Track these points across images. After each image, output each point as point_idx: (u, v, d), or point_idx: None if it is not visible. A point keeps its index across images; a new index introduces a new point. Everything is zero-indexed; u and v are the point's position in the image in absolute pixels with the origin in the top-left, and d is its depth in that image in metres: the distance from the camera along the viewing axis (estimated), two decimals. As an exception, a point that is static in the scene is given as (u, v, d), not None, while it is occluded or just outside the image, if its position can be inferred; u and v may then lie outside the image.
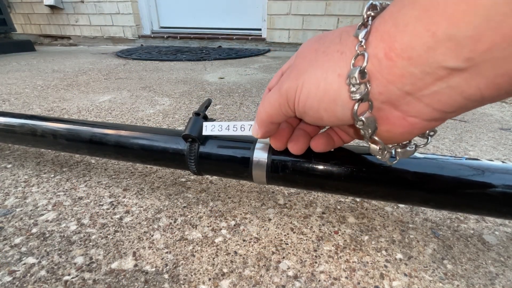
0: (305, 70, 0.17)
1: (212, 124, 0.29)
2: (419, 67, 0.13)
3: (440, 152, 0.54)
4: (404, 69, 0.13)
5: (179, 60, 1.58)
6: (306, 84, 0.17)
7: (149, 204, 0.37)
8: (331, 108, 0.16)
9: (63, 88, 0.99)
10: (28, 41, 1.99)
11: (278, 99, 0.19)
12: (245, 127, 0.26)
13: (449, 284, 0.27)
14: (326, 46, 0.17)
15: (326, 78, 0.16)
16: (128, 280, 0.27)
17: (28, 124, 0.40)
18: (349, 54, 0.15)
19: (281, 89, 0.19)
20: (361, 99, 0.15)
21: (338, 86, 0.16)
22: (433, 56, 0.12)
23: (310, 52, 0.18)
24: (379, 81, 0.14)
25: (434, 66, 0.12)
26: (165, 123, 0.67)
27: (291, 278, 0.27)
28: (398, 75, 0.13)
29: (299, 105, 0.18)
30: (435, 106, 0.14)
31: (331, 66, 0.16)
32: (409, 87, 0.14)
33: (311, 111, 0.18)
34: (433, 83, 0.13)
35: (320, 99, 0.16)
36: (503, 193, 0.23)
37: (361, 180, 0.26)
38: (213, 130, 0.29)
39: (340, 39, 0.16)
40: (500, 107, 0.82)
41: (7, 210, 0.36)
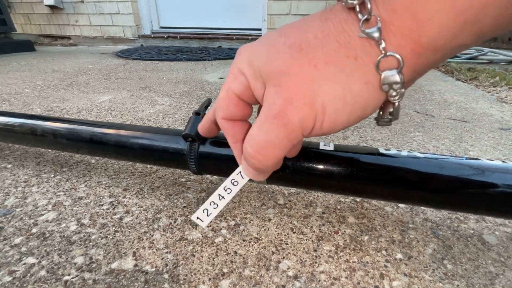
0: (316, 92, 0.15)
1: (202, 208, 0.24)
2: (443, 51, 0.13)
3: (440, 152, 0.54)
4: (429, 57, 0.14)
5: (179, 60, 1.58)
6: (329, 106, 0.15)
7: (149, 204, 0.37)
8: (364, 113, 0.16)
9: (63, 88, 0.99)
10: (28, 41, 1.99)
11: (288, 135, 0.16)
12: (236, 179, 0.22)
13: (449, 284, 0.27)
14: (322, 54, 0.14)
15: (352, 91, 0.15)
16: (128, 280, 0.27)
17: (28, 124, 0.40)
18: (366, 59, 0.14)
19: (290, 123, 0.16)
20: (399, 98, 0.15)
21: (369, 93, 0.15)
22: (456, 41, 0.13)
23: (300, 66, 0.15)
24: (408, 75, 0.15)
25: (455, 47, 0.13)
26: (165, 123, 0.67)
27: (291, 278, 0.27)
28: (422, 64, 0.14)
29: (322, 128, 0.16)
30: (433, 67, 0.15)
31: (350, 76, 0.14)
32: (429, 68, 0.15)
33: (339, 127, 0.16)
34: (444, 57, 0.14)
35: (350, 112, 0.15)
36: (503, 193, 0.23)
37: (361, 180, 0.26)
38: (209, 214, 0.24)
39: (337, 42, 0.14)
40: (500, 107, 0.82)
41: (7, 210, 0.36)
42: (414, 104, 0.83)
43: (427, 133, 0.62)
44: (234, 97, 0.19)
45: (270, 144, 0.17)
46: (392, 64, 0.14)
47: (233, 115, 0.20)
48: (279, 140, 0.16)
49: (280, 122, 0.16)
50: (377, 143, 0.57)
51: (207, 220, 0.24)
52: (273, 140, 0.16)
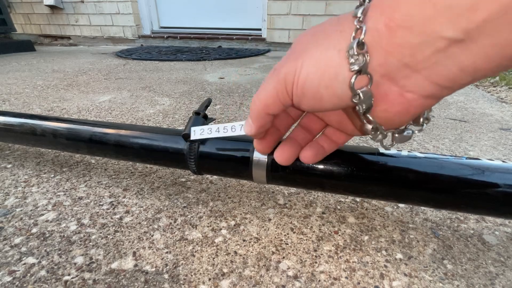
0: (303, 51, 0.17)
1: (201, 128, 0.28)
2: (419, 37, 0.13)
3: (440, 152, 0.54)
4: (403, 38, 0.13)
5: (179, 60, 1.58)
6: (306, 63, 0.17)
7: (149, 204, 0.37)
8: (332, 84, 0.16)
9: (63, 88, 0.99)
10: (28, 41, 1.99)
11: (276, 85, 0.18)
12: (236, 127, 0.25)
13: (449, 284, 0.27)
14: (325, 28, 0.17)
15: (326, 55, 0.16)
16: (128, 280, 0.27)
17: (28, 123, 0.40)
18: (348, 31, 0.15)
19: (279, 74, 0.18)
20: (359, 70, 0.15)
21: (339, 61, 0.15)
22: (432, 26, 0.12)
23: (308, 37, 0.18)
24: (378, 53, 0.14)
25: (433, 36, 0.13)
26: (165, 123, 0.67)
27: (291, 278, 0.27)
28: (397, 45, 0.14)
29: (297, 86, 0.17)
30: (433, 79, 0.14)
31: (331, 43, 0.16)
32: (408, 59, 0.14)
33: (310, 91, 0.17)
34: (432, 55, 0.13)
35: (320, 76, 0.16)
36: (503, 193, 0.23)
37: (361, 180, 0.26)
38: (202, 133, 0.27)
39: (338, 21, 0.16)
40: (500, 107, 0.82)
41: (7, 210, 0.36)
42: (414, 104, 0.83)
43: (427, 133, 0.62)
44: None
45: (264, 90, 0.19)
46: (360, 35, 0.14)
47: None
48: (270, 87, 0.19)
49: (275, 71, 0.18)
50: (377, 143, 0.57)
51: (197, 137, 0.28)
52: (266, 87, 0.19)
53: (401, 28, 0.13)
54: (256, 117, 0.20)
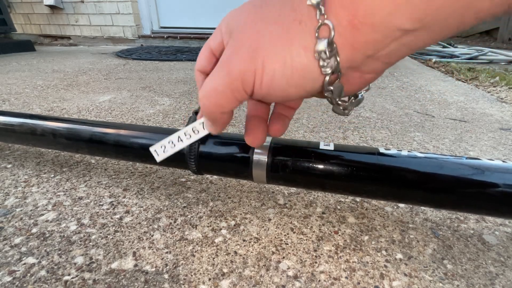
0: (259, 47, 0.15)
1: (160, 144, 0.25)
2: (381, 32, 0.13)
3: (440, 152, 0.54)
4: (367, 35, 0.14)
5: (179, 60, 1.58)
6: (268, 64, 0.15)
7: (149, 204, 0.37)
8: (301, 83, 0.16)
9: (63, 88, 0.99)
10: (28, 41, 1.99)
11: (230, 85, 0.17)
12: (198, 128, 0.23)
13: (449, 284, 0.27)
14: (275, 14, 0.15)
15: (291, 53, 0.15)
16: (128, 280, 0.27)
17: (28, 124, 0.40)
18: (309, 24, 0.14)
19: (232, 72, 0.16)
20: (332, 72, 0.15)
21: (307, 61, 0.15)
22: (392, 21, 0.13)
23: (254, 22, 0.16)
24: (345, 50, 0.14)
25: (393, 29, 0.13)
26: (165, 123, 0.67)
27: (291, 278, 0.27)
28: (362, 42, 0.14)
29: (261, 88, 0.16)
30: (388, 61, 0.16)
31: (293, 38, 0.15)
32: (371, 51, 0.15)
33: (277, 91, 0.16)
34: (390, 44, 0.14)
35: (288, 77, 0.15)
36: (503, 193, 0.23)
37: (361, 180, 0.26)
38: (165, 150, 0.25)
39: (291, 5, 0.15)
40: (500, 107, 0.82)
41: (7, 210, 0.36)
42: (414, 104, 0.83)
43: (427, 133, 0.63)
44: (208, 51, 0.20)
45: (214, 90, 0.17)
46: (326, 33, 0.14)
47: (204, 68, 0.21)
48: (222, 87, 0.17)
49: (225, 69, 0.17)
50: (377, 143, 0.57)
51: (162, 156, 0.25)
52: (217, 87, 0.17)
53: (365, 25, 0.13)
54: (214, 119, 0.20)
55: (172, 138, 0.24)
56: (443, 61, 1.59)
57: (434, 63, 1.55)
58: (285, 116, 0.23)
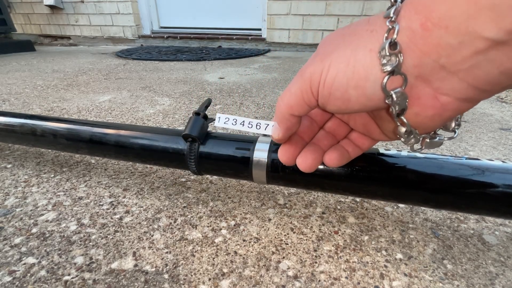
0: (331, 52, 0.16)
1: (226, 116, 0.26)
2: (457, 37, 0.12)
3: (440, 152, 0.54)
4: (440, 38, 0.12)
5: (179, 60, 1.58)
6: (334, 64, 0.16)
7: (149, 204, 0.37)
8: (361, 84, 0.15)
9: (63, 88, 0.99)
10: (28, 41, 1.99)
11: (301, 86, 0.18)
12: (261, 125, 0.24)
13: (449, 284, 0.27)
14: (354, 29, 0.16)
15: (356, 55, 0.15)
16: (128, 280, 0.27)
17: (28, 124, 0.40)
18: (380, 31, 0.15)
19: (304, 74, 0.17)
20: (392, 71, 0.14)
21: (370, 61, 0.15)
22: (472, 26, 0.11)
23: (335, 37, 0.17)
24: (413, 53, 0.14)
25: (473, 36, 0.12)
26: (165, 123, 0.67)
27: (291, 278, 0.27)
28: (433, 45, 0.13)
29: (324, 87, 0.17)
30: (470, 82, 0.13)
31: (361, 43, 0.15)
32: (445, 60, 0.13)
33: (338, 92, 0.16)
34: (470, 56, 0.12)
35: (349, 76, 0.15)
36: (503, 193, 0.23)
37: (361, 180, 0.26)
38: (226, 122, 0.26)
39: (368, 21, 0.16)
40: (500, 107, 0.82)
41: (7, 210, 0.36)
42: (414, 104, 0.83)
43: (427, 133, 0.62)
44: None
45: (288, 91, 0.19)
46: (391, 35, 0.14)
47: None
48: (294, 88, 0.18)
49: (300, 73, 0.18)
50: (377, 143, 0.57)
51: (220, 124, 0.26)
52: (291, 88, 0.18)
53: (438, 28, 0.12)
54: (281, 119, 0.20)
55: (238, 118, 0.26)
56: (443, 61, 1.58)
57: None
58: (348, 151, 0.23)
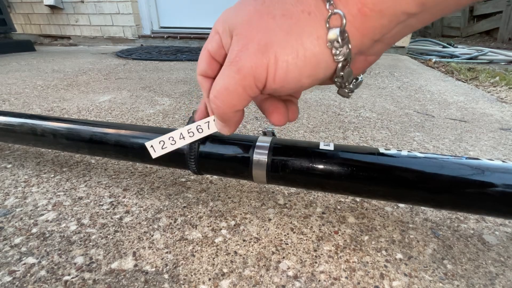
0: (270, 41, 0.15)
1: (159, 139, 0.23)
2: (388, 17, 0.14)
3: (440, 152, 0.54)
4: (376, 21, 0.14)
5: (179, 60, 1.58)
6: (280, 56, 0.15)
7: (149, 204, 0.37)
8: (314, 73, 0.16)
9: (63, 88, 0.99)
10: (28, 41, 1.99)
11: (241, 82, 0.17)
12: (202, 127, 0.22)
13: (449, 284, 0.27)
14: (281, 7, 0.15)
15: (304, 44, 0.15)
16: (128, 280, 0.27)
17: (28, 124, 0.40)
18: (318, 15, 0.15)
19: (242, 69, 0.16)
20: (344, 59, 0.15)
21: (319, 49, 0.15)
22: (399, 7, 0.14)
23: (259, 17, 0.16)
24: (355, 37, 0.15)
25: (399, 14, 0.14)
26: (165, 123, 0.67)
27: (291, 278, 0.27)
28: (371, 27, 0.15)
29: (275, 82, 0.16)
30: (391, 42, 0.17)
31: (304, 29, 0.15)
32: (378, 36, 0.15)
33: (291, 83, 0.16)
34: (394, 27, 0.15)
35: (301, 68, 0.16)
36: (503, 193, 0.23)
37: (361, 180, 0.26)
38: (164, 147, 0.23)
39: None
40: (500, 107, 0.82)
41: (7, 210, 0.36)
42: (414, 104, 0.83)
43: (427, 133, 0.63)
44: (208, 55, 0.20)
45: (226, 90, 0.17)
46: (337, 22, 0.14)
47: (205, 72, 0.21)
48: (234, 86, 0.17)
49: (234, 67, 0.17)
50: (377, 143, 0.57)
51: (159, 152, 0.24)
52: (228, 86, 0.17)
53: (374, 12, 0.14)
54: (227, 119, 0.19)
55: (173, 135, 0.23)
56: (443, 61, 1.59)
57: (434, 63, 1.55)
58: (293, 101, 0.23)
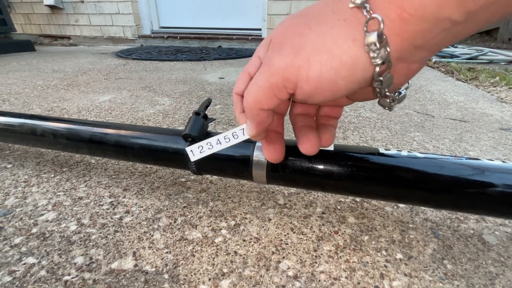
0: (303, 46, 0.16)
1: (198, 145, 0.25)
2: (430, 22, 0.14)
3: (440, 152, 0.54)
4: (417, 25, 0.14)
5: (179, 60, 1.58)
6: (315, 58, 0.16)
7: (149, 204, 0.37)
8: (351, 74, 0.16)
9: (63, 88, 0.99)
10: (28, 41, 1.99)
11: (269, 79, 0.17)
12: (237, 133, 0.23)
13: (449, 284, 0.27)
14: (317, 18, 0.16)
15: (340, 46, 0.15)
16: (128, 280, 0.27)
17: (28, 124, 0.40)
18: (355, 21, 0.15)
19: (272, 67, 0.17)
20: (382, 62, 0.15)
21: (356, 51, 0.15)
22: (442, 12, 0.13)
23: (295, 27, 0.17)
24: (394, 41, 0.15)
25: (443, 20, 0.14)
26: (165, 123, 0.67)
27: (291, 278, 0.27)
28: (411, 32, 0.15)
29: (308, 83, 0.16)
30: (434, 50, 0.16)
31: (339, 33, 0.15)
32: (420, 41, 0.15)
33: (326, 84, 0.16)
34: (438, 34, 0.15)
35: (337, 67, 0.16)
36: (503, 193, 0.23)
37: (361, 180, 0.26)
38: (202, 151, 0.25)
39: (332, 10, 0.16)
40: (500, 107, 0.82)
41: (7, 210, 0.36)
42: (414, 104, 0.83)
43: (427, 133, 0.62)
44: (246, 75, 0.21)
45: (255, 85, 0.18)
46: (375, 26, 0.15)
47: (242, 91, 0.21)
48: (262, 82, 0.18)
49: (266, 66, 0.17)
50: (377, 143, 0.57)
51: (198, 156, 0.26)
52: (257, 82, 0.18)
53: (415, 17, 0.14)
54: (251, 115, 0.20)
55: (211, 141, 0.25)
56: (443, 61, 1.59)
57: (434, 63, 1.55)
58: (331, 125, 0.23)
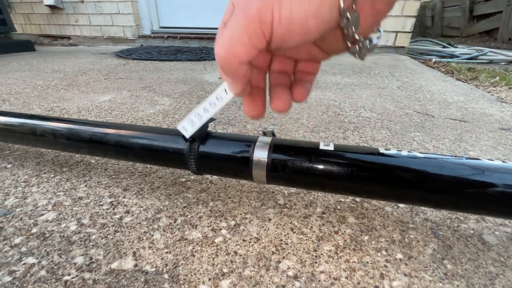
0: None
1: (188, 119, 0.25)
2: None
3: (440, 152, 0.54)
4: None
5: (179, 60, 1.58)
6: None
7: (149, 204, 0.37)
8: (319, 12, 0.16)
9: (63, 88, 0.99)
10: (28, 41, 1.99)
11: (246, 28, 0.16)
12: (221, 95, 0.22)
13: (449, 284, 0.27)
14: None
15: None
16: (128, 280, 0.27)
17: (28, 124, 0.40)
18: None
19: (249, 14, 0.15)
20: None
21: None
22: None
23: None
24: None
25: None
26: (165, 123, 0.67)
27: (291, 278, 0.27)
28: None
29: (281, 24, 0.16)
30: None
31: None
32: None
33: (297, 25, 0.16)
34: None
35: (306, 5, 0.15)
36: (503, 193, 0.23)
37: (361, 180, 0.26)
38: (193, 124, 0.25)
39: None
40: (500, 107, 0.82)
41: (7, 210, 0.36)
42: (414, 104, 0.83)
43: (427, 133, 0.63)
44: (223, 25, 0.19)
45: (231, 38, 0.16)
46: None
47: None
48: (238, 33, 0.16)
49: (240, 13, 0.16)
50: (377, 143, 0.57)
51: (191, 130, 0.25)
52: (233, 33, 0.16)
53: None
54: (232, 73, 0.18)
55: (198, 110, 0.24)
56: (443, 61, 1.59)
57: (434, 63, 1.55)
58: (307, 81, 0.23)
